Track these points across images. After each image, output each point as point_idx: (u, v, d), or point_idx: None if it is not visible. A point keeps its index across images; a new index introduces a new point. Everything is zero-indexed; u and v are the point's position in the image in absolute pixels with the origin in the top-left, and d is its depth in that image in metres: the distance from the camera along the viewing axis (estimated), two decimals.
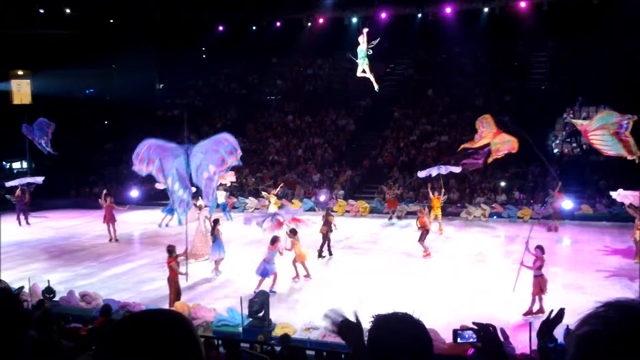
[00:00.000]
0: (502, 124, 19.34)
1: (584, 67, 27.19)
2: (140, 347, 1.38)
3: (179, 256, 13.01)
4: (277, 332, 10.48)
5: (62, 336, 6.97)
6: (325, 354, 8.18)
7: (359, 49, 17.69)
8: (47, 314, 9.06)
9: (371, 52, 17.58)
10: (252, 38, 35.19)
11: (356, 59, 17.89)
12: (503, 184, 24.42)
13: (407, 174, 25.96)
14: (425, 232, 16.82)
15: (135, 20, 32.91)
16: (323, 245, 17.07)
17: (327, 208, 18.49)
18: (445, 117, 29.76)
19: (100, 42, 33.09)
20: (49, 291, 12.97)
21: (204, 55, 40.00)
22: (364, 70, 17.88)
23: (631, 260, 15.64)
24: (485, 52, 32.30)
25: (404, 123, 30.32)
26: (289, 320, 11.29)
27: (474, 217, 22.99)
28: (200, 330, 10.52)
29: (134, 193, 26.01)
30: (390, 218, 23.22)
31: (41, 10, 31.09)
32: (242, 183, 27.73)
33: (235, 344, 8.13)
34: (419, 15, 31.20)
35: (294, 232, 14.70)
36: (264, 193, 22.49)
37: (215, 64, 38.41)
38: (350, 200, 25.15)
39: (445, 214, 22.09)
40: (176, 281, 12.61)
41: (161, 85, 40.35)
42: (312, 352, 8.57)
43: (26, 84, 34.44)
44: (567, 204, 20.48)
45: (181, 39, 33.92)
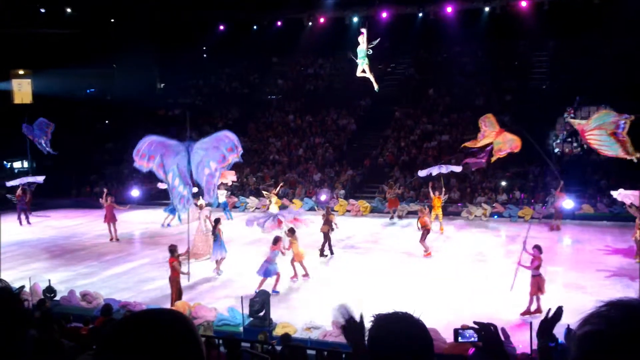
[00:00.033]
0: (503, 123, 19.29)
1: (585, 67, 27.19)
2: (141, 347, 1.38)
3: (180, 256, 13.02)
4: (278, 331, 10.48)
5: (63, 336, 6.98)
6: (326, 353, 8.17)
7: (358, 48, 17.68)
8: (48, 313, 9.08)
9: (371, 52, 17.57)
10: (253, 37, 35.18)
11: (356, 58, 17.89)
12: (504, 183, 24.41)
13: (408, 173, 25.94)
14: (426, 231, 16.83)
15: (136, 19, 32.93)
16: (324, 244, 17.07)
17: (327, 207, 18.48)
18: (446, 117, 29.75)
19: (101, 41, 33.13)
20: (49, 290, 12.98)
21: (204, 55, 40.04)
22: (363, 70, 17.87)
23: (632, 260, 15.62)
24: (486, 52, 32.28)
25: (405, 122, 30.31)
26: (290, 319, 11.29)
27: (474, 216, 22.99)
28: (201, 329, 10.53)
29: (134, 193, 26.01)
30: (391, 217, 23.21)
31: (42, 9, 31.12)
32: (243, 182, 27.73)
33: (236, 344, 8.13)
34: (420, 15, 31.22)
35: (292, 232, 14.67)
36: (265, 192, 22.49)
37: (216, 64, 38.42)
38: (351, 200, 25.15)
39: (446, 213, 22.08)
40: (178, 281, 12.61)
41: (162, 85, 40.37)
42: (313, 352, 8.57)
43: (27, 83, 34.48)
44: (568, 204, 20.46)
45: (182, 39, 33.94)
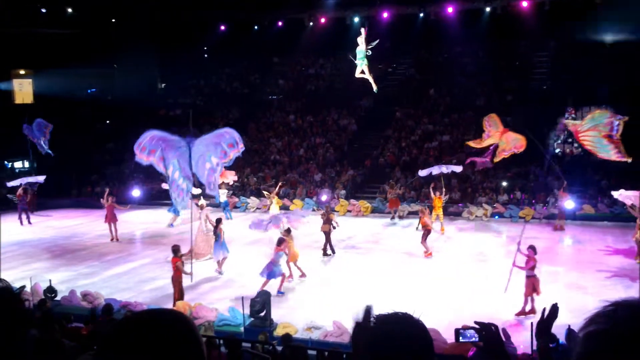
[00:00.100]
0: (507, 123, 19.29)
1: (586, 67, 27.14)
2: (142, 347, 1.38)
3: (183, 256, 13.05)
4: (279, 331, 10.49)
5: (64, 335, 6.98)
6: (327, 353, 8.18)
7: (358, 49, 17.67)
8: (49, 313, 9.08)
9: (370, 52, 17.55)
10: (254, 38, 35.17)
11: (355, 59, 17.87)
12: (505, 183, 24.39)
13: (409, 173, 25.93)
14: (427, 232, 16.83)
15: (136, 19, 32.93)
16: (327, 243, 17.16)
17: (326, 206, 18.52)
18: (447, 117, 29.73)
19: (101, 41, 33.15)
20: (50, 290, 12.99)
21: (205, 55, 40.03)
22: (362, 71, 17.86)
23: (633, 261, 15.61)
24: (487, 52, 32.24)
25: (406, 123, 30.30)
26: (291, 320, 11.29)
27: (475, 217, 22.97)
28: (202, 329, 10.53)
29: (135, 193, 26.00)
30: (392, 218, 23.19)
31: (43, 9, 31.12)
32: (244, 182, 27.72)
33: (236, 344, 8.14)
34: (421, 15, 31.20)
35: (288, 232, 14.69)
36: (266, 193, 22.51)
37: (217, 64, 38.41)
38: (352, 200, 25.13)
39: (447, 213, 22.06)
40: (180, 281, 12.65)
41: (163, 85, 40.37)
42: (313, 352, 8.57)
43: (28, 83, 34.51)
44: (569, 204, 20.46)
45: (183, 39, 33.95)
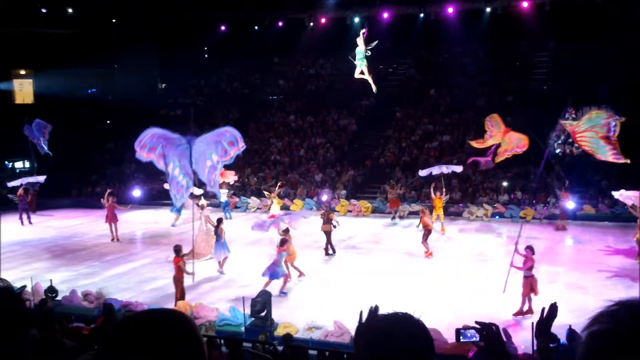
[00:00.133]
0: (508, 122, 19.26)
1: (586, 68, 27.12)
2: (143, 347, 1.38)
3: (185, 256, 13.06)
4: (280, 331, 10.49)
5: (64, 335, 6.99)
6: (327, 353, 8.18)
7: (357, 50, 17.66)
8: (50, 313, 9.09)
9: (370, 53, 17.55)
10: (254, 38, 35.15)
11: (355, 60, 17.87)
12: (505, 183, 24.37)
13: (409, 173, 25.93)
14: (427, 232, 16.83)
15: (137, 20, 32.93)
16: (328, 243, 17.22)
17: (325, 206, 18.54)
18: (447, 117, 29.72)
19: (102, 41, 33.15)
20: (51, 290, 12.99)
21: (205, 55, 40.01)
22: (362, 72, 17.86)
23: (633, 261, 15.60)
24: (487, 52, 32.22)
25: (406, 123, 30.29)
26: (291, 319, 11.29)
27: (476, 217, 22.97)
28: (202, 329, 10.53)
29: (136, 193, 26.02)
30: (393, 218, 23.19)
31: (43, 9, 31.12)
32: (244, 183, 27.73)
33: (237, 344, 8.14)
34: (421, 15, 31.16)
35: (286, 231, 14.70)
36: (266, 193, 22.53)
37: (217, 64, 38.40)
38: (353, 200, 25.13)
39: (448, 213, 22.05)
40: (182, 281, 12.66)
41: (163, 85, 40.37)
42: (314, 352, 8.57)
43: (28, 83, 34.52)
44: (569, 204, 20.47)
45: (183, 39, 33.94)
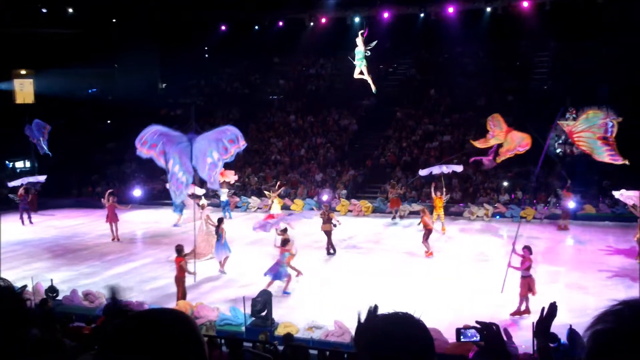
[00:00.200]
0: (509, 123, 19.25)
1: (586, 67, 27.09)
2: (143, 346, 1.38)
3: (186, 255, 13.07)
4: (280, 331, 10.49)
5: (65, 335, 6.99)
6: (328, 353, 8.18)
7: (356, 50, 17.66)
8: (50, 313, 9.09)
9: (369, 53, 17.54)
10: (255, 38, 35.15)
11: (354, 60, 17.86)
12: (506, 183, 24.36)
13: (409, 173, 25.92)
14: (428, 231, 16.83)
15: (137, 19, 32.94)
16: (329, 242, 17.26)
17: (325, 205, 18.55)
18: (447, 117, 29.72)
19: (102, 41, 33.15)
20: (52, 290, 13.00)
21: (206, 55, 40.01)
22: (361, 72, 17.85)
23: (634, 261, 15.59)
24: (488, 52, 32.20)
25: (407, 123, 30.29)
26: (292, 319, 11.29)
27: (476, 216, 22.96)
28: (203, 329, 10.53)
29: (136, 192, 26.03)
30: (393, 218, 23.19)
31: (44, 9, 31.13)
32: (245, 182, 27.73)
33: (238, 343, 8.14)
34: (422, 15, 31.16)
35: (284, 231, 14.72)
36: (267, 193, 22.53)
37: (217, 64, 38.40)
38: (353, 200, 25.14)
39: (448, 213, 22.06)
40: (184, 280, 12.68)
41: (164, 85, 40.37)
42: (315, 352, 8.57)
43: (29, 83, 34.53)
44: (570, 204, 20.47)
45: (183, 39, 33.93)
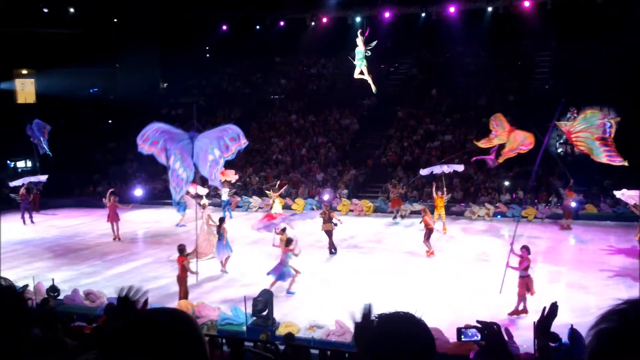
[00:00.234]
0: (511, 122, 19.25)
1: (588, 67, 27.05)
2: (145, 346, 1.38)
3: (189, 255, 13.08)
4: (281, 331, 10.50)
5: (66, 335, 6.99)
6: (329, 353, 8.18)
7: (357, 50, 17.65)
8: (51, 312, 9.09)
9: (369, 53, 17.53)
10: (256, 37, 35.13)
11: (354, 60, 17.85)
12: (507, 183, 24.34)
13: (411, 173, 25.91)
14: (429, 231, 16.83)
15: (138, 19, 32.94)
16: (331, 242, 17.27)
17: (325, 205, 18.55)
18: (448, 117, 29.71)
19: (104, 41, 33.17)
20: (53, 290, 13.02)
21: (207, 55, 39.99)
22: (361, 72, 17.84)
23: (635, 260, 15.54)
24: (489, 52, 32.16)
25: (408, 122, 30.28)
26: (293, 319, 11.30)
27: (477, 216, 22.95)
28: (204, 329, 10.54)
29: (137, 192, 26.05)
30: (394, 217, 23.18)
31: (45, 9, 31.14)
32: (246, 182, 27.73)
33: (239, 343, 8.15)
34: (423, 15, 31.16)
35: (283, 230, 14.72)
36: (269, 192, 22.54)
37: (218, 63, 38.42)
38: (354, 200, 25.14)
39: (449, 213, 22.06)
40: (186, 280, 12.69)
41: (165, 85, 40.39)
42: (316, 351, 8.57)
43: (30, 83, 34.58)
44: (574, 204, 20.48)
45: (184, 38, 33.93)
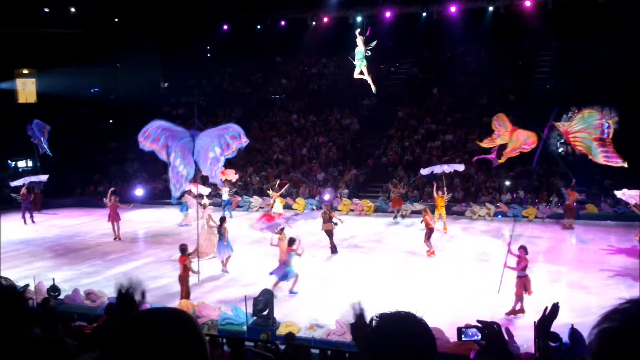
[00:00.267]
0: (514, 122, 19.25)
1: (588, 67, 27.03)
2: (145, 346, 1.38)
3: (191, 254, 13.09)
4: (282, 330, 10.50)
5: (67, 334, 6.99)
6: (329, 352, 8.19)
7: (356, 50, 17.63)
8: (52, 312, 9.09)
9: (369, 53, 17.51)
10: (257, 37, 35.12)
11: (354, 60, 17.84)
12: (508, 183, 24.33)
13: (412, 172, 25.91)
14: (429, 231, 16.82)
15: (139, 19, 32.96)
16: (332, 241, 17.27)
17: (325, 205, 18.55)
18: (449, 116, 29.70)
19: (104, 41, 33.19)
20: (53, 289, 13.02)
21: (208, 54, 40.00)
22: (361, 72, 17.82)
23: (636, 260, 15.52)
24: (490, 51, 32.13)
25: (409, 122, 30.27)
26: (293, 318, 11.30)
27: (478, 216, 22.94)
28: (205, 328, 10.54)
29: (138, 192, 26.07)
30: (395, 217, 23.17)
31: (46, 9, 31.16)
32: (247, 182, 27.74)
33: (239, 343, 8.15)
34: (424, 14, 31.14)
35: (282, 230, 14.71)
36: (269, 192, 22.54)
37: (219, 63, 38.41)
38: (355, 199, 25.14)
39: (450, 213, 22.05)
40: (188, 280, 12.70)
41: (166, 84, 40.40)
42: (316, 351, 8.57)
43: (31, 82, 34.58)
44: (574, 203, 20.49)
45: (185, 38, 33.97)
